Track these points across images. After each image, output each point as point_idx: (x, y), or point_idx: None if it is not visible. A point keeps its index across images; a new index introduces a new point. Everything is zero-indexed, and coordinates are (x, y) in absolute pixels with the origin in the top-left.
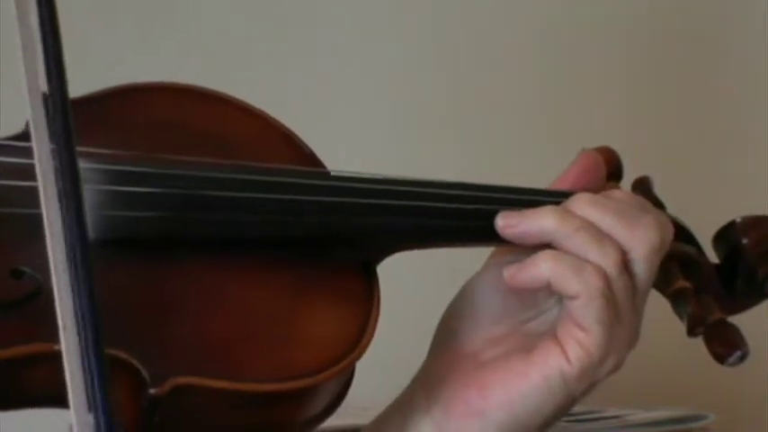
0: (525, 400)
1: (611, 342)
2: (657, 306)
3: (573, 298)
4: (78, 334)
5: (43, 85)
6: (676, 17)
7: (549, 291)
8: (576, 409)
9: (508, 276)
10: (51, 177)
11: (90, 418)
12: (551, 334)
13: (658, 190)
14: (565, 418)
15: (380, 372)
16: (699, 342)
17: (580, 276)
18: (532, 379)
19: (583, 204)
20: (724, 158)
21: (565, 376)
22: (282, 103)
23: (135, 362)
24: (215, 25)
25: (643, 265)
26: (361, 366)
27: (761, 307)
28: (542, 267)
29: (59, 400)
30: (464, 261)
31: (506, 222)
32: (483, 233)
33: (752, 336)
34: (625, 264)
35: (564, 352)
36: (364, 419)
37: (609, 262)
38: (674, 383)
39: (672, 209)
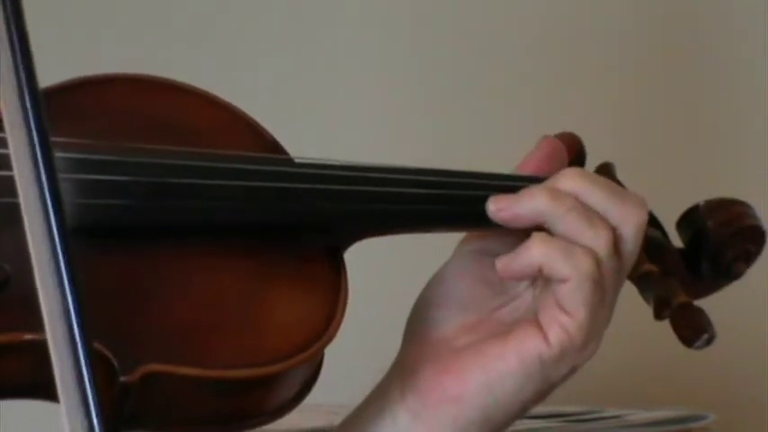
0: (503, 383)
1: (594, 325)
2: None
3: (562, 281)
4: (65, 328)
5: (13, 77)
6: (673, 15)
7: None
8: (576, 409)
9: (501, 268)
10: (29, 166)
11: (83, 419)
12: (529, 318)
13: (628, 175)
14: (565, 418)
15: (355, 369)
16: None
17: (571, 259)
18: (509, 362)
19: (574, 178)
20: (715, 154)
21: (543, 359)
22: (266, 98)
23: (104, 350)
24: (204, 21)
25: (631, 244)
26: (337, 363)
27: (760, 307)
28: (534, 253)
29: (34, 391)
30: (438, 250)
31: (498, 206)
32: (451, 218)
33: (751, 336)
34: (615, 244)
35: (544, 335)
36: (339, 418)
37: (600, 243)
38: (674, 383)
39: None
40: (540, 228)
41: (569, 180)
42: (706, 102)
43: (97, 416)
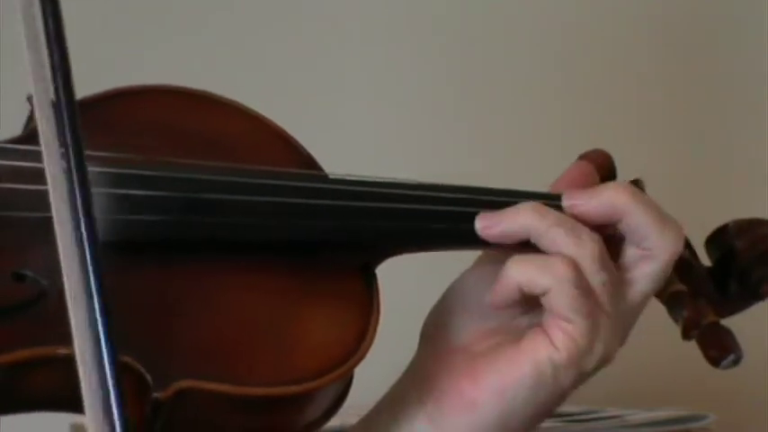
0: (517, 387)
1: (596, 331)
2: (657, 306)
3: (545, 293)
4: (92, 342)
5: (51, 90)
6: (681, 18)
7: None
8: (576, 409)
9: (490, 302)
10: (62, 181)
11: (105, 427)
12: (539, 323)
13: (657, 192)
14: (565, 418)
15: (377, 371)
16: None
17: (546, 271)
18: (523, 366)
19: (622, 194)
20: (724, 162)
21: (554, 363)
22: (287, 105)
23: (138, 366)
24: (218, 26)
25: (658, 268)
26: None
27: (759, 308)
28: (510, 275)
29: (64, 404)
30: (463, 261)
31: (485, 224)
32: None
33: (751, 336)
34: (638, 262)
35: (551, 340)
36: (350, 419)
37: (585, 254)
38: (674, 383)
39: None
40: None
41: (617, 196)
42: (737, 115)
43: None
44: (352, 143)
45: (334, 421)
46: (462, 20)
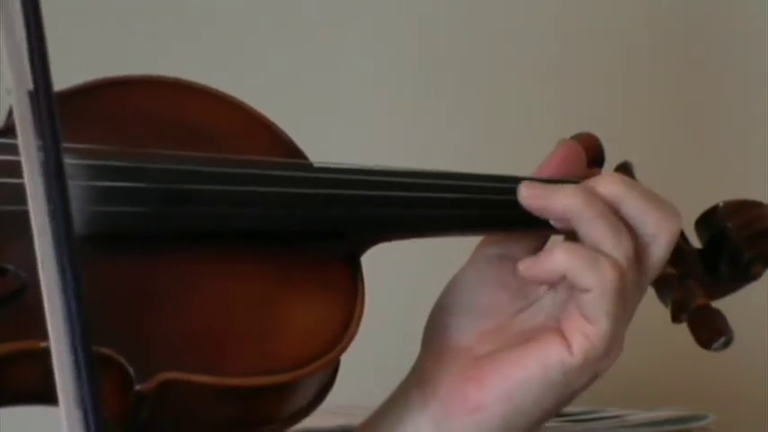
0: (524, 391)
1: (617, 334)
2: (657, 305)
3: (586, 291)
4: (67, 331)
5: (29, 81)
6: (677, 15)
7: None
8: (576, 409)
9: (523, 270)
10: (38, 174)
11: (78, 414)
12: (551, 326)
13: (651, 178)
14: (565, 418)
15: (368, 370)
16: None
17: (596, 270)
18: (530, 369)
19: (615, 183)
20: (723, 160)
21: (565, 367)
22: (282, 97)
23: (120, 358)
24: (216, 23)
25: (662, 253)
26: (348, 365)
27: (761, 308)
28: (558, 260)
29: (44, 398)
30: (452, 254)
31: (531, 192)
32: (471, 222)
33: (751, 337)
34: (643, 251)
35: (567, 343)
36: (353, 419)
37: (622, 253)
38: (674, 383)
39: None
40: (554, 230)
41: (610, 185)
42: (720, 100)
43: (95, 424)
44: (351, 138)
45: (339, 420)
46: (461, 16)
